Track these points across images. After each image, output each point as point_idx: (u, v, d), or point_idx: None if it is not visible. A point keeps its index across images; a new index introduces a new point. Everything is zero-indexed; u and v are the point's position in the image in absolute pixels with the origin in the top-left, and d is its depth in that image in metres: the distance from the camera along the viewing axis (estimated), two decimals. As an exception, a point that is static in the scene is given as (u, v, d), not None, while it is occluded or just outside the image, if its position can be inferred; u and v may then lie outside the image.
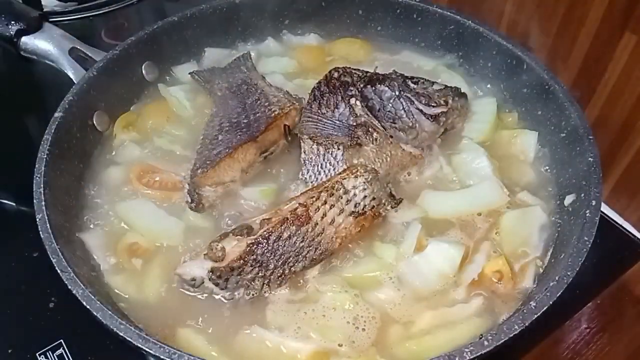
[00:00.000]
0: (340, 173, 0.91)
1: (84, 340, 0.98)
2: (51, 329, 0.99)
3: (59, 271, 0.78)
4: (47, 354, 0.97)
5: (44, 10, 1.25)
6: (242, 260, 0.81)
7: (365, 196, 0.88)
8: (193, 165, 0.97)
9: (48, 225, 0.83)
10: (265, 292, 0.84)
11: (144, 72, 1.15)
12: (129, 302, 0.87)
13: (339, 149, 0.94)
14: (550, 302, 0.74)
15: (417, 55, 1.25)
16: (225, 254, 0.82)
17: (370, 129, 0.97)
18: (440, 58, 1.23)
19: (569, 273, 0.77)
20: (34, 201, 0.86)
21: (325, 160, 0.95)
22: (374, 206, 0.89)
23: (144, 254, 0.92)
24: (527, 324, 0.72)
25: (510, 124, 1.12)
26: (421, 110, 1.02)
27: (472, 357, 0.69)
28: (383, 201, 0.91)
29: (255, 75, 1.14)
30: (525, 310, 0.74)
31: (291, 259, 0.83)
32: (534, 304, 0.74)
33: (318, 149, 0.95)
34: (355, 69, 1.07)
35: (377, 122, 1.00)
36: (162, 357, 0.70)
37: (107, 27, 1.30)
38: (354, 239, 0.90)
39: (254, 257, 0.81)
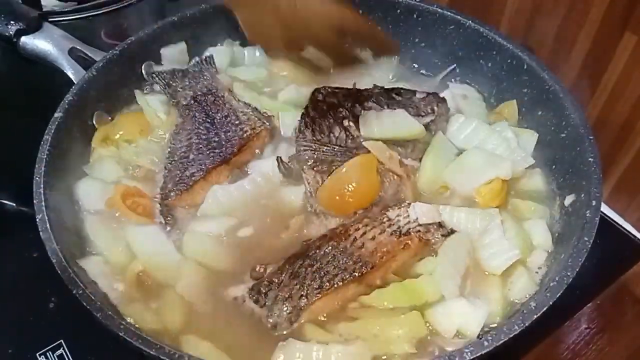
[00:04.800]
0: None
1: (84, 340, 0.98)
2: (51, 329, 0.99)
3: (59, 271, 0.78)
4: (47, 354, 0.97)
5: (44, 10, 1.24)
6: (279, 271, 0.82)
7: (408, 222, 0.89)
8: (163, 183, 0.96)
9: (48, 225, 0.82)
10: (303, 304, 0.80)
11: (144, 72, 1.15)
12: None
13: None
14: (550, 302, 0.74)
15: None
16: (266, 272, 0.84)
17: None
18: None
19: (569, 273, 0.77)
20: (34, 201, 0.86)
21: None
22: (419, 231, 0.88)
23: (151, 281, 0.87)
24: (527, 324, 0.72)
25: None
26: None
27: (472, 357, 0.69)
28: (432, 230, 0.89)
29: (219, 84, 1.11)
30: (525, 310, 0.74)
31: (330, 270, 0.82)
32: (534, 304, 0.74)
33: (322, 178, 0.94)
34: (336, 88, 1.06)
35: None
36: (162, 357, 0.69)
37: (106, 27, 1.29)
38: (399, 257, 0.87)
39: (292, 269, 0.82)
